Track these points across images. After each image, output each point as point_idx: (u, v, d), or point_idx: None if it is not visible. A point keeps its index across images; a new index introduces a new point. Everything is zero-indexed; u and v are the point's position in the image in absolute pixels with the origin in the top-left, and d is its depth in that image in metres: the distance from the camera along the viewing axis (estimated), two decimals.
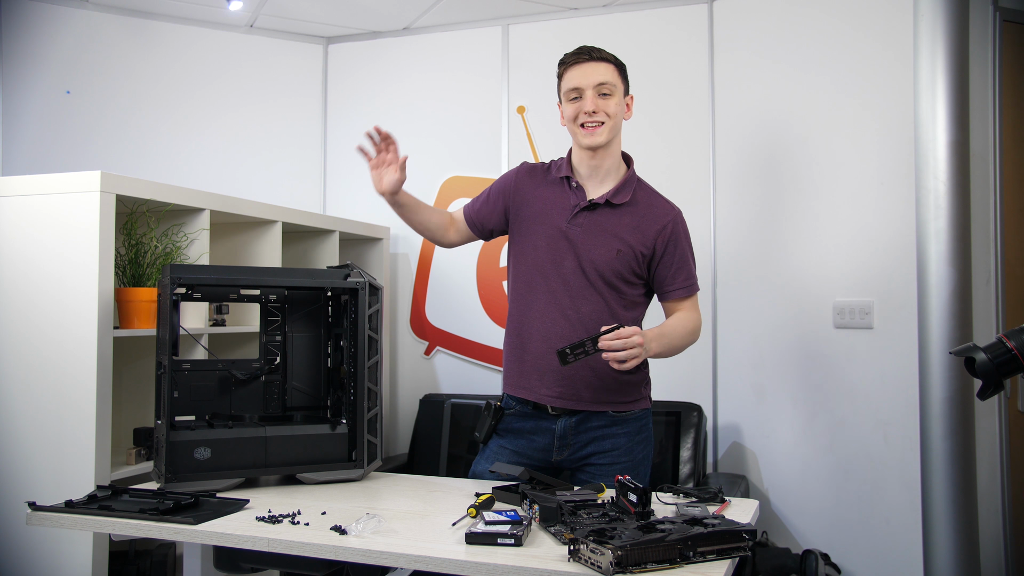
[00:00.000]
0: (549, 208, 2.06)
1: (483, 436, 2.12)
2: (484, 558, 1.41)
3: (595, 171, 2.06)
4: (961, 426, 2.64)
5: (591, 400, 2.03)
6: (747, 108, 3.16)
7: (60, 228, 2.27)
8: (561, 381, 2.02)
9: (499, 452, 2.09)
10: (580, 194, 2.04)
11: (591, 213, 2.03)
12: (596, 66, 2.00)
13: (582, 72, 2.00)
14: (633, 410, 2.08)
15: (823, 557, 2.62)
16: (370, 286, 2.06)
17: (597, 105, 1.98)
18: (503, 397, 2.14)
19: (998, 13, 2.76)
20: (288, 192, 3.67)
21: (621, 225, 2.03)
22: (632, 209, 2.04)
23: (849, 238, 2.92)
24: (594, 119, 1.99)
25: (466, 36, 3.61)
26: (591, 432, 2.05)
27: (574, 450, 2.05)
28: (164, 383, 1.90)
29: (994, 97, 2.77)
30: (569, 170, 2.08)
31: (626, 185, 2.05)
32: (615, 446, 2.05)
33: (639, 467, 2.07)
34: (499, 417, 2.11)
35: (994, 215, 2.76)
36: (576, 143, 2.06)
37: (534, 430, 2.07)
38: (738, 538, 1.43)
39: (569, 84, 2.02)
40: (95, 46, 3.34)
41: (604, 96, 2.00)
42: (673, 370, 3.22)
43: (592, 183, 2.07)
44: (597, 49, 2.03)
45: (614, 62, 2.03)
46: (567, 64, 2.04)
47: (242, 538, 1.56)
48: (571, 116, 2.03)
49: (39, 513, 1.69)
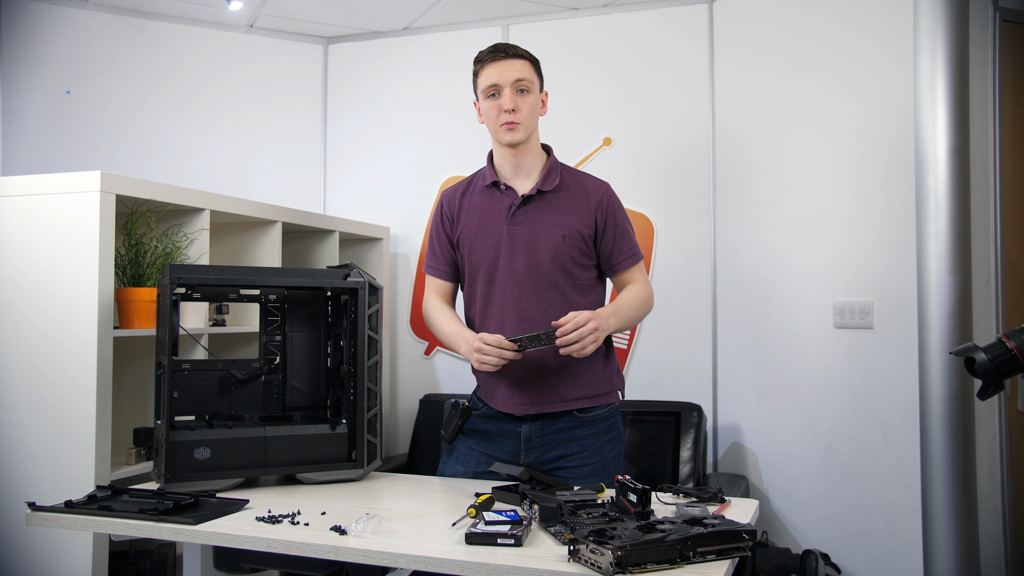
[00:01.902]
0: (486, 217, 2.07)
1: (448, 435, 2.12)
2: (484, 558, 1.41)
3: (519, 168, 2.09)
4: (961, 426, 2.64)
5: (559, 400, 2.03)
6: (747, 108, 3.16)
7: (60, 228, 2.27)
8: (527, 388, 2.02)
9: (468, 453, 2.09)
10: (511, 194, 2.07)
11: (527, 208, 2.05)
12: (512, 63, 2.03)
13: (499, 70, 2.02)
14: (599, 406, 2.06)
15: (823, 557, 2.62)
16: (370, 286, 2.06)
17: (515, 103, 2.01)
18: (471, 397, 2.15)
19: (998, 13, 2.76)
20: (288, 192, 3.67)
21: (559, 210, 2.05)
22: (564, 193, 2.07)
23: (849, 238, 2.91)
24: (513, 117, 2.01)
25: (466, 36, 3.61)
26: (557, 434, 2.04)
27: (541, 452, 2.04)
28: (164, 383, 1.90)
29: (994, 97, 2.77)
30: (493, 174, 2.10)
31: (551, 172, 2.08)
32: (583, 448, 2.04)
33: (609, 467, 2.05)
34: (466, 417, 2.12)
35: (994, 215, 2.76)
36: (496, 141, 2.09)
37: (500, 432, 2.07)
38: (738, 538, 1.43)
39: (487, 81, 2.04)
40: (95, 46, 3.34)
41: (522, 92, 2.02)
42: (673, 370, 3.23)
43: (518, 180, 2.09)
44: (512, 46, 2.06)
45: (529, 59, 2.06)
46: (483, 62, 2.06)
47: (242, 538, 1.56)
48: (491, 115, 2.05)
49: (39, 513, 1.69)
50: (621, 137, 3.33)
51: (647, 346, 3.28)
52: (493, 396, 2.07)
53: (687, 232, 3.28)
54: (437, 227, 2.16)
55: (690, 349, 3.24)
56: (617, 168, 3.29)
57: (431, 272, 2.18)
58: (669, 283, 3.25)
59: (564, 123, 3.31)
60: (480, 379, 2.12)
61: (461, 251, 2.11)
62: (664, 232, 3.30)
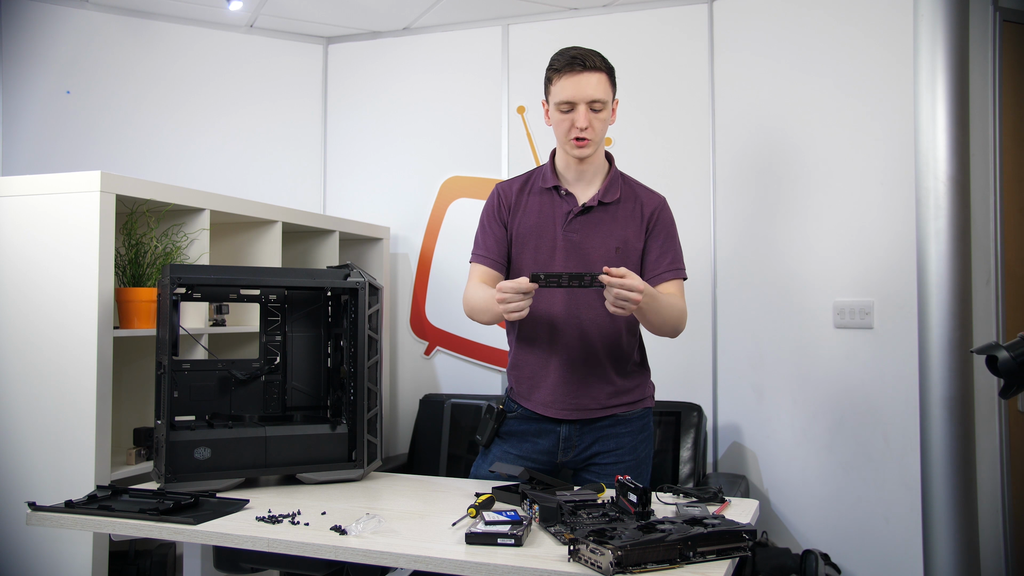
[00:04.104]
0: (543, 220, 2.06)
1: (485, 439, 2.11)
2: (484, 558, 1.40)
3: (582, 175, 2.06)
4: (961, 426, 2.63)
5: (600, 408, 2.05)
6: (747, 108, 3.16)
7: (60, 228, 2.27)
8: (568, 395, 2.03)
9: (503, 457, 2.09)
10: (571, 200, 2.04)
11: (585, 217, 2.04)
12: (589, 78, 1.95)
13: (576, 85, 1.95)
14: (636, 409, 2.09)
15: (823, 557, 2.62)
16: (370, 286, 2.06)
17: (589, 120, 1.96)
18: (504, 399, 2.14)
19: (998, 13, 2.76)
20: (288, 192, 3.68)
21: (616, 222, 2.04)
22: (622, 205, 2.06)
23: (849, 238, 2.91)
24: (585, 135, 1.97)
25: (466, 36, 3.61)
26: (596, 432, 2.05)
27: (579, 451, 2.06)
28: (164, 383, 1.90)
29: (994, 97, 2.77)
30: (555, 178, 2.07)
31: (613, 183, 2.06)
32: (619, 445, 2.05)
33: (641, 465, 2.08)
34: (501, 420, 2.11)
35: (994, 215, 2.75)
36: (564, 152, 2.04)
37: (538, 433, 2.07)
38: (738, 538, 1.43)
39: (561, 96, 1.97)
40: (95, 46, 3.34)
41: (595, 111, 1.97)
42: (673, 370, 3.23)
43: (579, 187, 2.07)
44: (590, 55, 1.97)
45: (606, 70, 1.99)
46: (559, 72, 1.97)
47: (242, 538, 1.56)
48: (562, 127, 1.99)
49: (39, 513, 1.69)
50: (621, 137, 3.33)
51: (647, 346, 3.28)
52: (532, 398, 2.07)
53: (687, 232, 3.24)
54: (491, 215, 2.10)
55: (690, 349, 3.24)
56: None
57: (479, 260, 2.10)
58: None
59: None
60: (517, 380, 2.11)
61: (513, 247, 2.09)
62: None
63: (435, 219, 3.65)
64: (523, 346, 2.09)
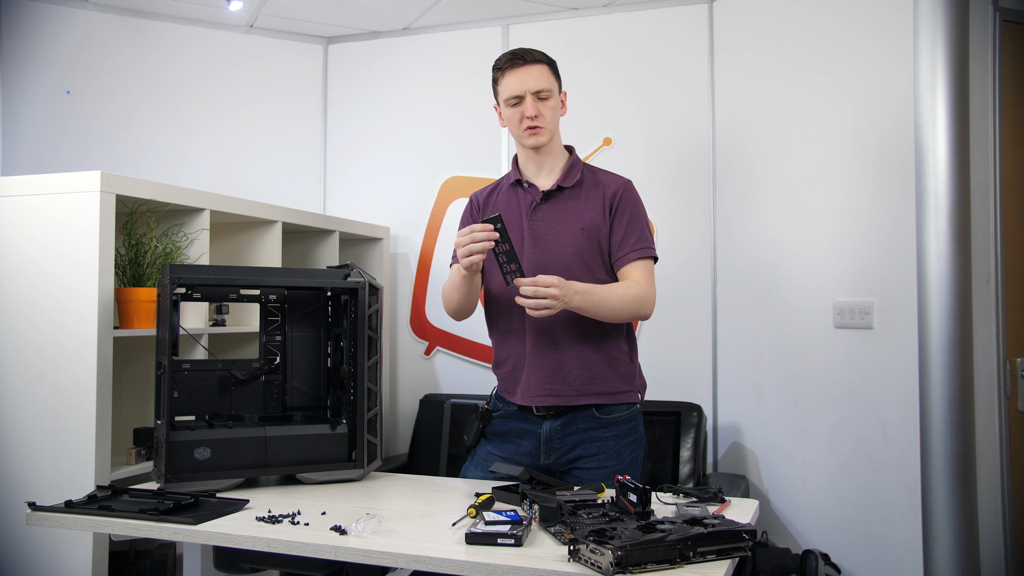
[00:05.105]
0: (510, 213, 2.11)
1: (471, 440, 2.14)
2: (484, 558, 1.41)
3: (542, 166, 2.14)
4: (961, 426, 2.63)
5: (577, 395, 2.03)
6: (747, 108, 3.16)
7: (60, 228, 2.27)
8: (544, 379, 2.03)
9: (488, 459, 2.10)
10: (534, 191, 2.11)
11: (547, 204, 2.09)
12: (531, 70, 2.05)
13: (519, 78, 2.05)
14: (618, 406, 2.07)
15: (823, 557, 2.62)
16: (370, 286, 2.06)
17: (537, 109, 2.05)
18: (491, 399, 2.16)
19: (998, 13, 2.76)
20: (288, 192, 3.68)
21: (578, 205, 2.08)
22: (583, 188, 2.11)
23: (849, 238, 2.91)
24: (535, 122, 2.06)
25: (466, 36, 3.61)
26: (577, 435, 2.04)
27: (561, 453, 2.05)
28: (164, 383, 1.90)
29: (994, 97, 2.76)
30: (518, 174, 2.15)
31: (572, 168, 2.12)
32: (602, 449, 2.04)
33: (627, 470, 2.06)
34: (486, 420, 2.13)
35: (994, 215, 2.75)
36: (520, 145, 2.14)
37: (520, 433, 2.08)
38: (738, 538, 1.43)
39: (508, 91, 2.07)
40: (95, 46, 3.34)
41: (542, 100, 2.06)
42: (673, 370, 3.23)
43: (541, 178, 2.14)
44: (529, 51, 2.08)
45: (547, 62, 2.10)
46: (502, 69, 2.08)
47: (242, 538, 1.56)
48: (514, 121, 2.09)
49: (39, 513, 1.69)
50: (621, 137, 3.33)
51: (647, 346, 3.28)
52: (515, 391, 2.08)
53: (687, 232, 3.28)
54: (466, 221, 2.20)
55: (690, 349, 3.24)
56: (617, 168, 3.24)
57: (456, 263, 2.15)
58: (669, 282, 3.24)
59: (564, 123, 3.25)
60: (502, 377, 2.13)
61: None
62: (664, 232, 3.30)
63: (435, 219, 3.65)
64: (501, 340, 2.13)
